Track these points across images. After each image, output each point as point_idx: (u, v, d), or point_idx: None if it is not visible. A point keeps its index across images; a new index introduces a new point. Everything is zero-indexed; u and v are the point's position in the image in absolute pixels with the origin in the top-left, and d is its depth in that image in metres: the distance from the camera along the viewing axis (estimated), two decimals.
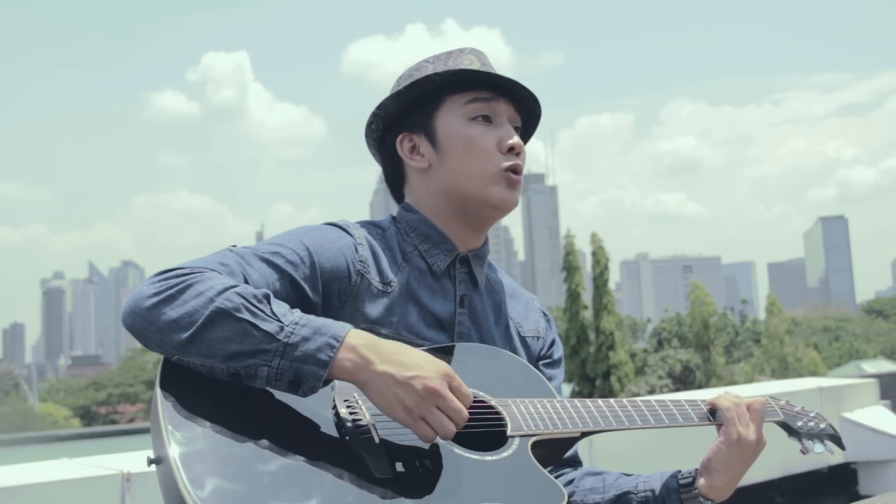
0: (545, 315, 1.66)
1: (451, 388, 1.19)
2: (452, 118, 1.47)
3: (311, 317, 1.21)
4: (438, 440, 1.21)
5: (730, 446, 1.40)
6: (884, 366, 26.98)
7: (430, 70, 1.48)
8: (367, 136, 1.57)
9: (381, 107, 1.50)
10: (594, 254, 29.77)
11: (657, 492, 1.44)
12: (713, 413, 1.45)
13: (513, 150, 1.47)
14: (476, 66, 1.48)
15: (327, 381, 1.18)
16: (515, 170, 1.47)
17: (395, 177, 1.57)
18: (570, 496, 1.51)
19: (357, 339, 1.19)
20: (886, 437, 6.32)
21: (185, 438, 1.11)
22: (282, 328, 1.17)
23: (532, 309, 1.63)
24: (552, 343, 1.63)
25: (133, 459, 2.85)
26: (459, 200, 1.47)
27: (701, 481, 1.41)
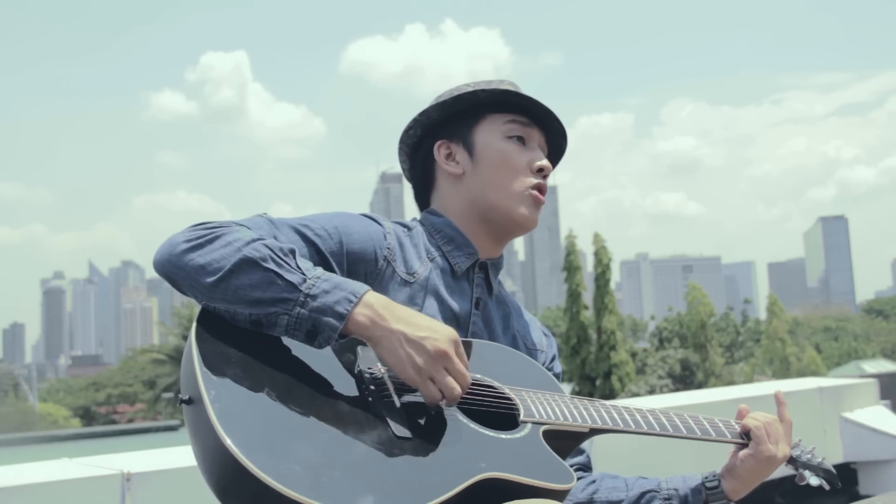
0: (546, 334, 1.74)
1: (458, 354, 1.24)
2: (491, 134, 1.57)
3: (333, 274, 1.27)
4: (456, 414, 1.26)
5: (759, 462, 1.48)
6: (884, 366, 27.01)
7: (472, 88, 1.58)
8: (403, 140, 1.64)
9: (424, 114, 1.60)
10: (596, 253, 29.77)
11: (681, 491, 1.53)
12: (746, 432, 1.52)
13: (541, 172, 1.57)
14: (509, 87, 1.58)
15: (343, 336, 1.22)
16: (541, 189, 1.57)
17: (423, 183, 1.65)
18: (593, 494, 1.58)
19: (374, 298, 1.24)
20: (886, 437, 6.32)
21: (217, 380, 1.16)
22: (304, 280, 1.22)
23: (535, 327, 1.71)
24: (553, 358, 1.70)
25: (133, 459, 2.85)
26: (486, 210, 1.56)
27: (725, 484, 1.52)
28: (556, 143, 1.66)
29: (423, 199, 1.66)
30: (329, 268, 1.37)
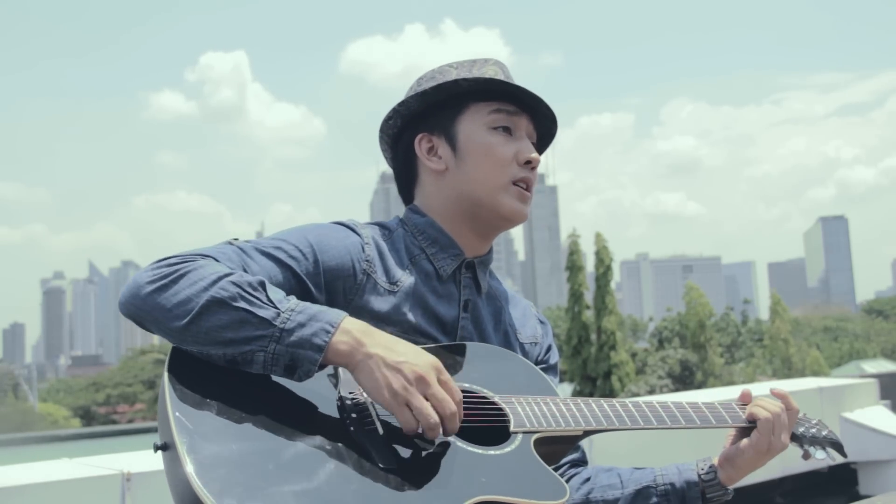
0: (541, 321, 1.68)
1: (440, 381, 1.19)
2: (474, 125, 1.48)
3: (307, 303, 1.21)
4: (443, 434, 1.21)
5: (761, 453, 1.45)
6: (884, 366, 27.01)
7: (454, 75, 1.49)
8: (383, 130, 1.56)
9: (404, 104, 1.51)
10: (598, 253, 29.72)
11: (677, 484, 1.48)
12: (753, 421, 1.48)
13: (529, 164, 1.49)
14: (500, 77, 1.49)
15: (322, 366, 1.19)
16: (527, 182, 1.50)
17: (406, 176, 1.57)
18: (588, 493, 1.53)
19: (352, 325, 1.20)
20: (886, 437, 6.32)
21: (191, 424, 1.11)
22: (278, 314, 1.18)
23: (529, 315, 1.65)
24: (548, 349, 1.64)
25: (133, 459, 2.85)
26: (471, 207, 1.49)
27: (721, 473, 1.48)
28: (544, 126, 1.57)
29: (406, 192, 1.58)
30: (306, 291, 1.33)
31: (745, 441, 1.46)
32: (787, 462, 6.04)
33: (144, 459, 2.85)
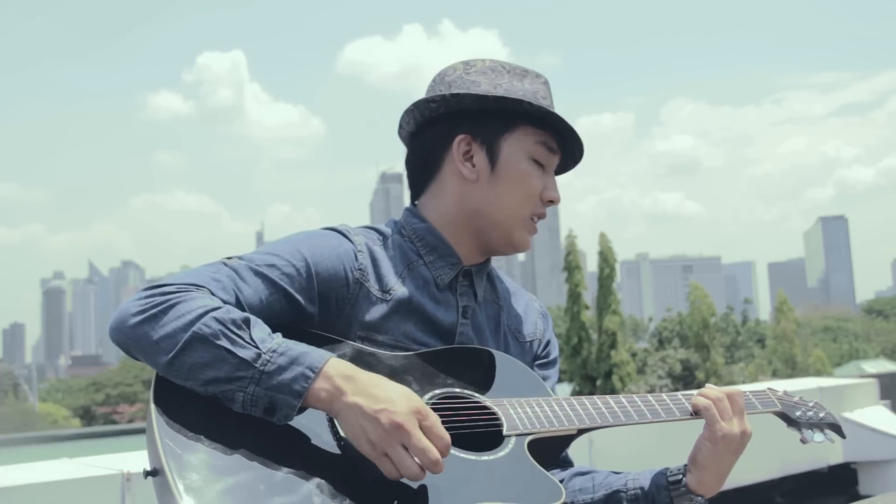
0: (543, 315, 1.67)
1: (423, 427, 1.16)
2: (518, 148, 1.47)
3: (291, 344, 1.20)
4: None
5: (714, 442, 1.39)
6: (884, 366, 27.02)
7: (505, 82, 1.47)
8: (419, 109, 1.49)
9: (457, 96, 1.45)
10: (601, 253, 29.71)
11: (647, 489, 1.44)
12: (696, 412, 1.44)
13: (551, 203, 1.51)
14: (548, 101, 1.49)
15: (302, 410, 1.18)
16: (542, 218, 1.52)
17: (424, 167, 1.52)
18: None
19: (334, 370, 1.18)
20: (886, 437, 6.32)
21: (180, 450, 1.11)
22: (259, 355, 1.17)
23: (531, 310, 1.64)
24: (548, 343, 1.64)
25: (133, 459, 2.85)
26: (485, 224, 1.48)
27: (689, 477, 1.41)
28: (563, 163, 1.57)
29: (418, 185, 1.54)
30: (301, 310, 1.33)
31: (701, 436, 1.42)
32: (787, 462, 6.04)
33: (144, 459, 2.84)
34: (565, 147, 1.52)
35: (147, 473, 1.18)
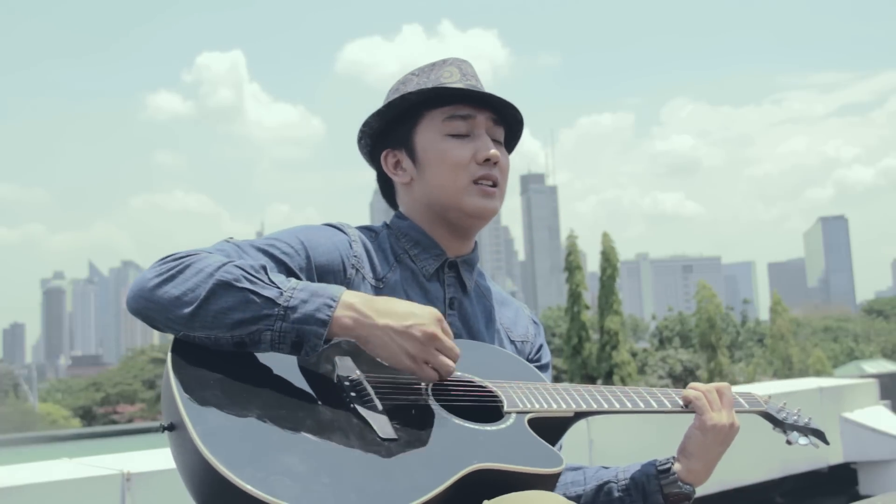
0: (534, 322, 1.72)
1: (443, 331, 1.28)
2: (430, 134, 1.53)
3: (308, 282, 1.28)
4: (440, 411, 1.28)
5: (704, 432, 1.45)
6: (884, 366, 26.98)
7: (413, 83, 1.55)
8: (360, 150, 1.63)
9: (367, 124, 1.57)
10: (604, 253, 29.70)
11: (637, 478, 1.49)
12: (688, 403, 1.50)
13: (489, 161, 1.51)
14: (455, 78, 1.54)
15: (328, 340, 1.24)
16: (490, 179, 1.52)
17: (387, 188, 1.65)
18: None
19: (353, 298, 1.26)
20: (886, 437, 6.33)
21: (196, 403, 1.16)
22: (281, 293, 1.23)
23: (522, 316, 1.70)
24: (540, 347, 1.69)
25: (133, 459, 2.85)
26: (440, 211, 1.54)
27: (678, 466, 1.47)
28: (509, 115, 1.57)
29: (390, 202, 1.67)
30: None
31: (691, 426, 1.48)
32: (787, 462, 6.05)
33: (144, 459, 2.85)
34: (492, 106, 1.53)
35: (164, 428, 1.23)
